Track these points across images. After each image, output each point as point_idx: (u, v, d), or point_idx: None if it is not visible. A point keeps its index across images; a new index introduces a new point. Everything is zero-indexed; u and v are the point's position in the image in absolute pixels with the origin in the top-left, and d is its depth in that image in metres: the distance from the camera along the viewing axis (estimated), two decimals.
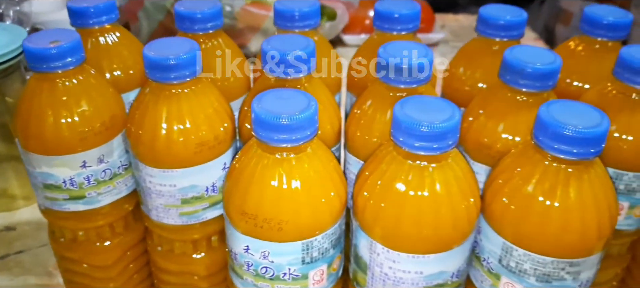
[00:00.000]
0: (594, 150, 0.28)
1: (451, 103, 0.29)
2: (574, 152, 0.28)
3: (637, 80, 0.34)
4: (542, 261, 0.30)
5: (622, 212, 0.38)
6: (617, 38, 0.41)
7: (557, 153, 0.28)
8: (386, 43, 0.35)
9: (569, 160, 0.28)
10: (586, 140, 0.28)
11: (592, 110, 0.29)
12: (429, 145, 0.28)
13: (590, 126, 0.28)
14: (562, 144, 0.28)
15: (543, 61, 0.33)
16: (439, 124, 0.27)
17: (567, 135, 0.28)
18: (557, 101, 0.30)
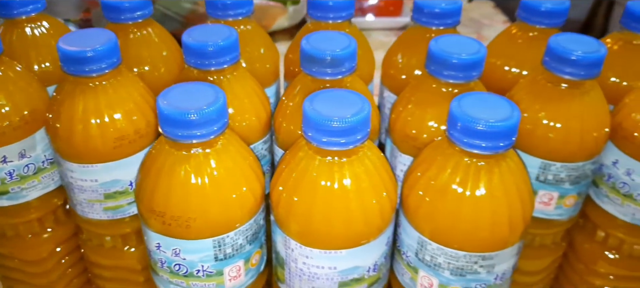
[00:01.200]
0: (503, 144, 0.27)
1: (362, 97, 0.29)
2: (482, 146, 0.27)
3: (564, 70, 0.34)
4: (454, 255, 0.30)
5: (552, 202, 0.38)
6: (554, 25, 0.41)
7: (467, 147, 0.28)
8: (311, 34, 0.35)
9: (479, 154, 0.28)
10: (495, 134, 0.27)
11: (504, 103, 0.28)
12: (337, 140, 0.27)
13: (500, 120, 0.27)
14: (472, 138, 0.27)
15: (468, 51, 0.33)
16: (347, 119, 0.27)
17: (476, 130, 0.27)
18: (471, 94, 0.29)
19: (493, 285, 0.31)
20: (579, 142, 0.35)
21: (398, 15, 1.01)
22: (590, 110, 0.35)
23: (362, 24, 0.99)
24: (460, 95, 0.29)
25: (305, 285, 0.31)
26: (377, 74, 0.45)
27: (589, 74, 0.34)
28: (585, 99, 0.35)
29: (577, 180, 0.36)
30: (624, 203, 0.38)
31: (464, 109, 0.28)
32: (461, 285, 0.31)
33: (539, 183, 0.37)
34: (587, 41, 0.35)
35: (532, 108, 0.36)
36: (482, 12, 1.11)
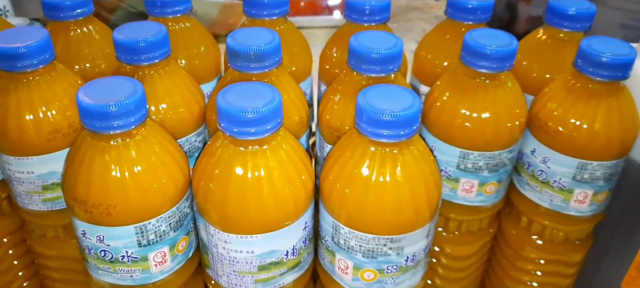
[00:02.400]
0: (404, 133, 0.29)
1: (275, 89, 0.30)
2: (385, 134, 0.29)
3: (478, 64, 0.36)
4: (364, 238, 0.31)
5: (473, 190, 0.39)
6: (480, 21, 0.43)
7: (372, 136, 0.29)
8: (236, 30, 0.36)
9: (384, 142, 0.30)
10: (396, 123, 0.29)
11: (407, 94, 0.30)
12: (248, 130, 0.29)
13: (401, 110, 0.29)
14: (376, 128, 0.29)
15: (384, 46, 0.34)
16: (257, 109, 0.28)
17: (379, 120, 0.29)
18: (376, 86, 0.31)
19: (404, 266, 0.33)
20: (494, 132, 0.37)
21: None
22: (505, 102, 0.37)
23: (330, 22, 1.01)
24: (366, 88, 0.30)
25: (227, 269, 0.33)
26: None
27: (501, 66, 0.36)
28: (500, 91, 0.37)
29: (495, 168, 0.38)
30: (543, 190, 0.40)
31: (369, 101, 0.29)
32: (373, 267, 0.32)
33: (460, 171, 0.39)
34: (501, 36, 0.36)
35: (451, 100, 0.37)
36: None
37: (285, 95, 0.36)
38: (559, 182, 0.39)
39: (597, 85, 0.36)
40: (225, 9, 0.90)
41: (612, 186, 0.40)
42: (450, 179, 0.39)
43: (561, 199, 0.39)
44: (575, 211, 0.40)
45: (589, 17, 0.42)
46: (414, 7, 1.12)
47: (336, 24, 0.99)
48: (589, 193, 0.39)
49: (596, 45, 0.36)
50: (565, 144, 0.37)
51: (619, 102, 0.36)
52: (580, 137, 0.36)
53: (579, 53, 0.36)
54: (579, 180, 0.38)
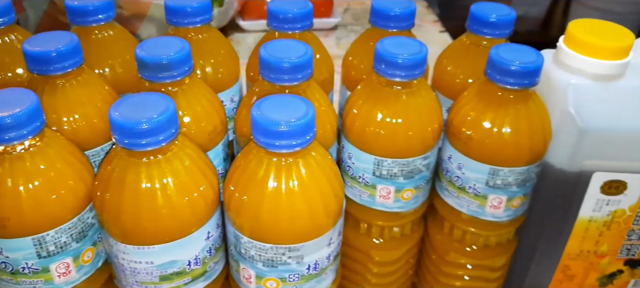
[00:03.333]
0: (296, 143, 0.29)
1: (168, 98, 0.30)
2: (277, 144, 0.29)
3: (388, 72, 0.36)
4: (263, 247, 0.31)
5: (390, 196, 0.40)
6: (403, 28, 0.43)
7: (265, 146, 0.30)
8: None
9: (278, 152, 0.30)
10: (289, 134, 0.29)
11: (302, 103, 0.30)
12: (138, 142, 0.29)
13: (294, 120, 0.29)
14: (268, 138, 0.29)
15: (295, 55, 0.35)
16: (152, 120, 0.28)
17: (273, 130, 0.29)
18: (272, 97, 0.31)
19: (307, 275, 0.33)
20: (405, 139, 0.37)
21: (328, 16, 1.03)
22: (417, 109, 0.37)
23: None
24: (261, 99, 0.30)
25: (130, 279, 0.33)
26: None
27: (412, 75, 0.36)
28: (411, 99, 0.37)
29: (411, 175, 0.39)
30: (460, 195, 0.40)
31: (263, 112, 0.30)
32: (275, 276, 0.33)
33: (376, 178, 0.39)
34: (412, 44, 0.37)
35: (364, 108, 0.38)
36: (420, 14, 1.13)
37: (199, 106, 0.36)
38: (473, 188, 0.39)
39: (506, 93, 0.36)
40: None
41: (527, 191, 0.40)
42: (368, 186, 0.40)
43: (477, 205, 0.40)
44: (491, 217, 0.40)
45: (509, 23, 0.42)
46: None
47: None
48: (503, 199, 0.39)
49: (504, 53, 0.36)
50: (476, 150, 0.38)
51: (527, 109, 0.37)
52: (490, 144, 0.37)
53: (488, 61, 0.36)
54: (492, 186, 0.38)
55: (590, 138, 0.38)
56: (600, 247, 0.44)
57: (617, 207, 0.42)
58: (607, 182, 0.41)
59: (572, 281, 0.47)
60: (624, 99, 0.38)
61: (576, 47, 0.39)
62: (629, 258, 0.45)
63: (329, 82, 0.44)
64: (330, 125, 0.38)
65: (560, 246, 0.44)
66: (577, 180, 0.41)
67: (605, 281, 0.47)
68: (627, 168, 0.40)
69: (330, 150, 0.39)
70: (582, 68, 0.39)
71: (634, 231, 0.43)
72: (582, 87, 0.38)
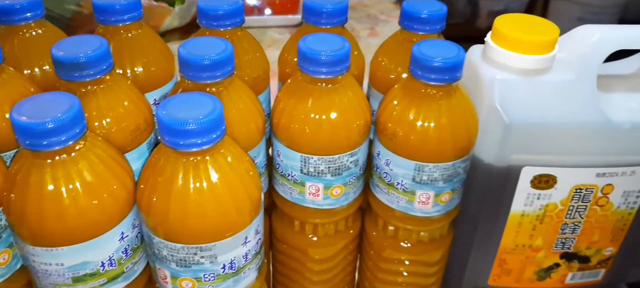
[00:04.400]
0: (201, 141, 0.29)
1: (73, 97, 0.30)
2: (181, 143, 0.29)
3: (309, 69, 0.36)
4: (174, 247, 0.31)
5: (319, 193, 0.40)
6: (336, 24, 0.43)
7: (170, 145, 0.29)
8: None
9: (184, 152, 0.29)
10: (194, 132, 0.29)
11: (208, 100, 0.30)
12: (39, 142, 0.28)
13: (199, 117, 0.29)
14: (173, 137, 0.29)
15: (215, 52, 0.34)
16: (55, 119, 0.28)
17: (177, 130, 0.29)
18: (177, 96, 0.31)
19: (223, 274, 0.33)
20: (330, 136, 0.37)
21: (295, 13, 1.03)
22: (341, 106, 0.37)
23: (258, 22, 1.01)
24: (167, 99, 0.30)
25: (43, 282, 0.32)
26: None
27: (333, 71, 0.36)
28: (335, 96, 0.37)
29: (338, 172, 0.39)
30: (390, 192, 0.40)
31: (168, 111, 0.29)
32: (190, 276, 0.32)
33: (304, 175, 0.39)
34: (333, 41, 0.36)
35: (290, 106, 0.37)
36: (381, 8, 1.13)
37: (120, 105, 0.36)
38: (401, 184, 0.39)
39: (428, 89, 0.36)
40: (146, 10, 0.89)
41: (456, 187, 0.40)
42: (297, 183, 0.39)
43: (406, 201, 0.40)
44: (420, 212, 0.40)
45: (440, 19, 0.42)
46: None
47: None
48: (431, 195, 0.39)
49: (426, 50, 0.36)
50: (402, 146, 0.38)
51: (450, 104, 0.37)
52: (414, 140, 0.37)
53: (411, 58, 0.36)
54: (418, 182, 0.38)
55: (516, 133, 0.39)
56: (535, 241, 0.45)
57: (549, 201, 0.42)
58: (537, 176, 0.41)
59: (509, 275, 0.47)
60: (550, 93, 0.39)
61: (502, 42, 0.39)
62: (565, 251, 0.46)
63: (263, 79, 0.44)
64: (255, 123, 0.37)
65: (495, 240, 0.45)
66: (507, 175, 0.41)
67: (542, 274, 0.47)
68: (555, 162, 0.40)
69: (258, 148, 0.39)
70: (508, 63, 0.39)
71: (567, 224, 0.44)
72: (508, 82, 0.39)
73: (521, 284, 0.48)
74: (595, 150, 0.40)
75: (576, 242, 0.45)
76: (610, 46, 0.38)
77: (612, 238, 0.45)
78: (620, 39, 0.38)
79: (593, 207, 0.43)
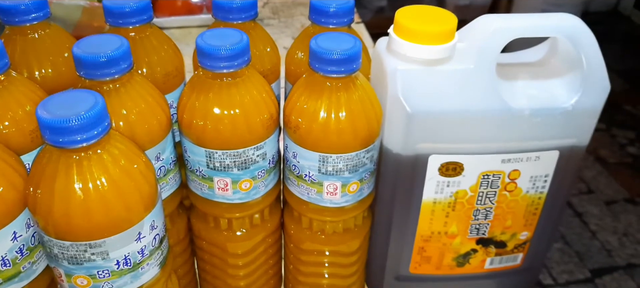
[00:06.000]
0: (81, 138, 0.29)
1: None
2: (60, 141, 0.29)
3: (207, 64, 0.36)
4: (63, 245, 0.31)
5: (228, 188, 0.40)
6: (246, 19, 0.43)
7: (51, 143, 0.29)
8: None
9: (65, 149, 0.29)
10: (73, 129, 0.29)
11: (89, 96, 0.30)
12: None
13: (80, 113, 0.29)
14: (52, 135, 0.29)
15: (111, 48, 0.34)
16: None
17: (56, 127, 0.28)
18: (58, 94, 0.31)
19: (118, 271, 0.33)
20: (232, 130, 0.37)
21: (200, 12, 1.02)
22: (243, 100, 0.37)
23: (208, 21, 1.00)
24: (46, 98, 0.30)
25: None
26: None
27: (231, 65, 0.36)
28: (236, 90, 0.37)
29: (245, 166, 0.39)
30: (299, 184, 0.41)
31: (47, 109, 0.29)
32: (83, 273, 0.32)
33: (211, 170, 0.39)
34: (232, 35, 0.37)
35: (191, 101, 0.38)
36: None
37: (19, 107, 0.35)
38: (309, 175, 0.40)
39: (326, 81, 0.37)
40: (87, 11, 0.88)
41: (363, 177, 0.41)
42: (205, 179, 0.40)
43: (315, 192, 0.40)
44: (330, 203, 0.41)
45: (348, 11, 0.43)
46: (299, 3, 1.13)
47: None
48: (338, 185, 0.40)
49: (322, 43, 0.37)
50: (305, 138, 0.38)
51: (349, 96, 0.37)
52: (315, 132, 0.37)
53: (309, 51, 0.37)
54: (324, 173, 0.39)
55: (419, 122, 0.40)
56: (450, 228, 0.46)
57: (458, 188, 0.43)
58: (444, 164, 0.42)
59: (429, 262, 0.48)
60: (451, 82, 0.40)
61: (403, 34, 0.40)
62: (480, 237, 0.47)
63: (174, 76, 0.44)
64: (158, 119, 0.37)
65: (411, 228, 0.46)
66: (415, 164, 0.42)
67: (461, 261, 0.48)
68: (460, 149, 0.41)
69: (162, 144, 0.39)
70: (409, 54, 0.39)
71: (479, 210, 0.45)
72: (410, 72, 0.39)
73: (442, 271, 0.49)
74: (498, 136, 0.41)
75: (490, 228, 0.46)
76: (508, 35, 0.39)
77: (526, 223, 0.47)
78: (516, 29, 0.39)
79: (502, 193, 0.44)
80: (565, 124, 0.41)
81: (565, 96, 0.41)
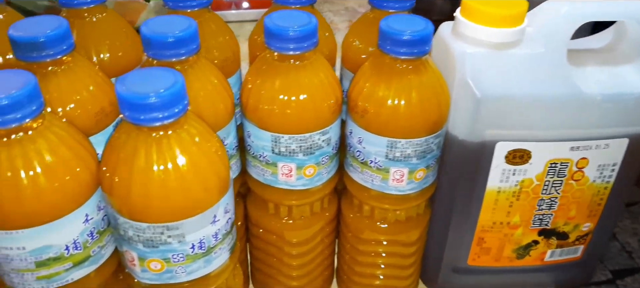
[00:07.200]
0: (163, 115, 0.28)
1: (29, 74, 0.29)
2: (141, 118, 0.28)
3: (276, 45, 0.35)
4: (140, 227, 0.30)
5: (292, 174, 0.39)
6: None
7: (131, 121, 0.28)
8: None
9: (146, 127, 0.29)
10: (155, 106, 0.28)
11: (169, 74, 0.29)
12: None
13: (160, 90, 0.28)
14: (133, 112, 0.28)
15: (179, 29, 0.34)
16: (10, 96, 0.27)
17: (137, 104, 0.28)
18: (136, 71, 0.30)
19: (192, 254, 0.32)
20: (300, 114, 0.36)
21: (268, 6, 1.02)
22: (311, 83, 0.36)
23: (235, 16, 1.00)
24: (125, 74, 0.29)
25: (5, 268, 0.31)
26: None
27: (301, 47, 0.35)
28: (304, 73, 0.36)
29: (310, 151, 0.38)
30: (363, 170, 0.40)
31: (128, 85, 0.28)
32: (158, 256, 0.32)
33: (276, 155, 0.38)
34: (300, 16, 0.36)
35: (258, 84, 0.37)
36: (359, 1, 1.13)
37: (83, 88, 0.35)
38: (375, 161, 0.39)
39: (397, 63, 0.36)
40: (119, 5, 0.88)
41: (430, 163, 0.40)
42: (268, 164, 0.39)
43: (380, 179, 0.39)
44: (395, 190, 0.40)
45: None
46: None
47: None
48: (405, 172, 0.39)
49: (394, 24, 0.36)
50: (373, 123, 0.37)
51: (420, 78, 0.36)
52: (385, 116, 0.36)
53: (379, 32, 0.36)
54: (391, 159, 0.38)
55: (488, 107, 0.38)
56: (512, 218, 0.45)
57: (524, 177, 0.42)
58: (511, 152, 0.41)
59: (489, 254, 0.47)
60: (521, 66, 0.39)
61: (472, 17, 0.39)
62: (543, 228, 0.46)
63: (232, 61, 0.43)
64: (224, 104, 0.37)
65: (472, 218, 0.45)
66: (481, 151, 0.41)
67: (521, 252, 0.47)
68: (529, 136, 0.40)
69: (227, 129, 0.38)
70: (478, 37, 0.38)
71: (543, 200, 0.44)
72: (479, 56, 0.38)
73: (501, 263, 0.48)
74: (568, 123, 0.40)
75: (554, 218, 0.45)
76: (578, 19, 0.38)
77: (589, 214, 0.45)
78: (587, 13, 0.38)
79: (569, 182, 0.43)
80: (636, 111, 0.40)
81: (637, 82, 0.40)
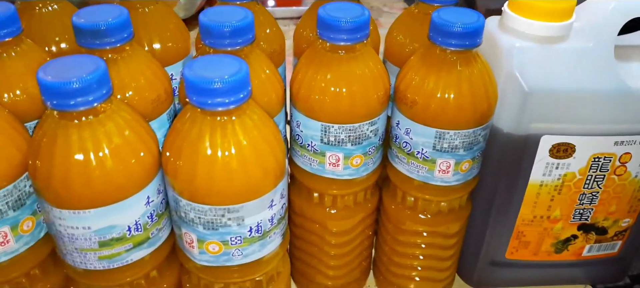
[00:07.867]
0: (229, 100, 0.29)
1: (98, 59, 0.30)
2: (209, 102, 0.29)
3: (329, 36, 0.36)
4: (201, 209, 0.31)
5: (339, 163, 0.40)
6: None
7: (198, 105, 0.29)
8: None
9: (211, 111, 0.29)
10: (222, 91, 0.29)
11: (234, 61, 0.30)
12: (66, 102, 0.28)
13: (225, 76, 0.29)
14: (200, 97, 0.29)
15: (236, 19, 0.34)
16: (81, 79, 0.28)
17: (205, 88, 0.29)
18: (203, 57, 0.31)
19: (250, 237, 0.33)
20: (350, 104, 0.37)
21: (299, 4, 1.03)
22: (361, 74, 0.37)
23: None
24: (193, 60, 0.30)
25: (69, 247, 0.32)
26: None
27: (353, 38, 0.36)
28: (355, 64, 0.37)
29: (358, 141, 0.39)
30: (409, 161, 0.40)
31: (195, 71, 0.29)
32: (217, 238, 0.32)
33: (324, 145, 0.39)
34: (354, 8, 0.37)
35: (309, 74, 0.38)
36: (384, 0, 1.14)
37: (140, 75, 0.36)
38: (422, 152, 0.39)
39: (448, 55, 0.36)
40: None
41: (476, 155, 0.40)
42: (317, 154, 0.40)
43: (426, 170, 0.40)
44: (440, 181, 0.40)
45: None
46: None
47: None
48: (451, 163, 0.39)
49: (446, 16, 0.36)
50: (421, 114, 0.38)
51: (470, 70, 0.37)
52: (434, 107, 0.37)
53: (431, 24, 0.36)
54: (439, 149, 0.39)
55: (535, 100, 0.39)
56: (553, 212, 0.45)
57: (567, 171, 0.42)
58: (556, 145, 0.41)
59: (527, 248, 0.47)
60: (568, 60, 0.39)
61: (520, 10, 0.39)
62: (582, 222, 0.46)
63: (278, 54, 0.44)
64: (276, 93, 0.37)
65: (513, 212, 0.45)
66: (526, 144, 0.41)
67: (560, 247, 0.47)
68: (574, 130, 0.41)
69: (277, 119, 0.39)
70: (526, 31, 0.39)
71: (585, 195, 0.44)
72: (527, 49, 0.39)
73: (539, 257, 0.48)
74: (613, 118, 0.40)
75: (594, 213, 0.45)
76: (626, 15, 0.38)
77: (629, 209, 0.46)
78: (635, 8, 0.39)
79: (611, 177, 0.43)
80: None
81: None
